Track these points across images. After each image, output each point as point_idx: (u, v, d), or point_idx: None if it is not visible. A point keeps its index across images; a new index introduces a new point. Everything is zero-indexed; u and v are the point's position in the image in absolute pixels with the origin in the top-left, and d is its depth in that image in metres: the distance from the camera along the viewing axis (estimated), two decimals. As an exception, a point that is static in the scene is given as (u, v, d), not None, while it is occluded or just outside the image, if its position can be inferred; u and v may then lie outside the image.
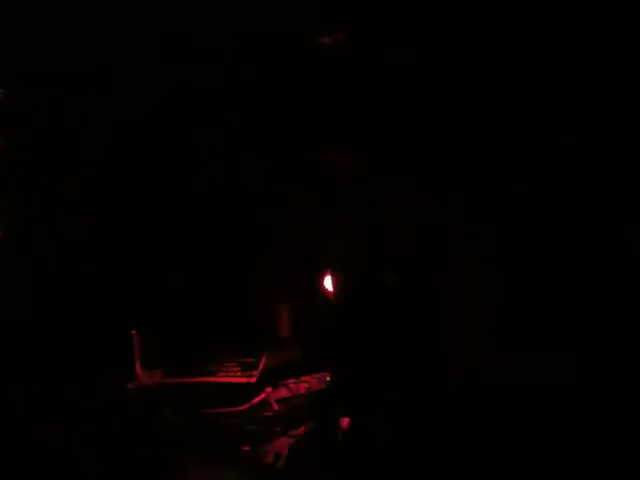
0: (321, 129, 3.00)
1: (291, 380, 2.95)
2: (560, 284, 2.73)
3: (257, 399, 2.87)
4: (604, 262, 2.68)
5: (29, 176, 2.97)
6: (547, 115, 2.74)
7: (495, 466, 2.64)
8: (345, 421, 2.86)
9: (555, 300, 2.73)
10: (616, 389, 2.60)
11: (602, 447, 2.58)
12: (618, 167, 2.68)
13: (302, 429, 2.86)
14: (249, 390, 2.87)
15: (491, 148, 2.82)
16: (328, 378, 2.94)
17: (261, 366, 2.94)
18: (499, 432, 2.67)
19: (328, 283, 3.02)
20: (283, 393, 2.92)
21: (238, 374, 2.92)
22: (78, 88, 2.97)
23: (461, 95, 2.84)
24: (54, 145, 3.01)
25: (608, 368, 2.61)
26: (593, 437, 2.60)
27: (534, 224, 2.78)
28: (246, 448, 2.80)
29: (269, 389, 2.90)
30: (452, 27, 2.81)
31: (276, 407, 2.87)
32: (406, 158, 2.91)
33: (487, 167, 2.82)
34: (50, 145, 3.01)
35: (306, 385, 2.94)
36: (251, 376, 2.90)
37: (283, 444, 2.79)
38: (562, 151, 2.74)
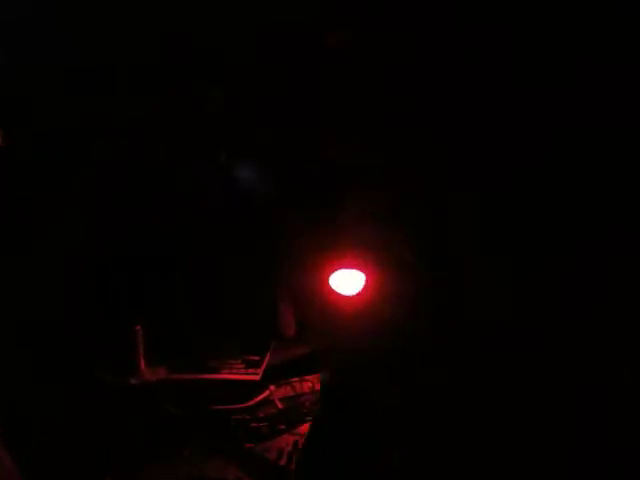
0: (321, 129, 3.01)
1: (295, 378, 2.96)
2: (560, 284, 2.74)
3: (260, 397, 2.88)
4: (604, 262, 2.68)
5: (29, 176, 2.98)
6: (548, 115, 2.75)
7: (494, 466, 2.64)
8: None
9: (555, 300, 2.74)
10: (616, 389, 2.60)
11: (602, 447, 2.58)
12: (619, 167, 2.69)
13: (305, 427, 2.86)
14: (253, 388, 2.87)
15: (491, 148, 2.83)
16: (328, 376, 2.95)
17: (265, 364, 2.95)
18: (499, 431, 2.67)
19: (333, 282, 3.02)
20: (286, 391, 2.93)
21: (242, 371, 2.93)
22: (78, 88, 2.98)
23: (461, 95, 2.84)
24: (54, 145, 3.02)
25: (608, 368, 2.61)
26: (593, 437, 2.60)
27: (534, 224, 2.78)
28: (249, 445, 2.80)
29: (272, 387, 2.91)
30: (452, 27, 2.82)
31: (279, 405, 2.88)
32: (406, 157, 2.91)
33: (488, 167, 2.83)
34: (50, 145, 3.01)
35: (310, 384, 2.94)
36: (255, 374, 2.91)
37: (286, 442, 2.79)
38: (563, 151, 2.74)
